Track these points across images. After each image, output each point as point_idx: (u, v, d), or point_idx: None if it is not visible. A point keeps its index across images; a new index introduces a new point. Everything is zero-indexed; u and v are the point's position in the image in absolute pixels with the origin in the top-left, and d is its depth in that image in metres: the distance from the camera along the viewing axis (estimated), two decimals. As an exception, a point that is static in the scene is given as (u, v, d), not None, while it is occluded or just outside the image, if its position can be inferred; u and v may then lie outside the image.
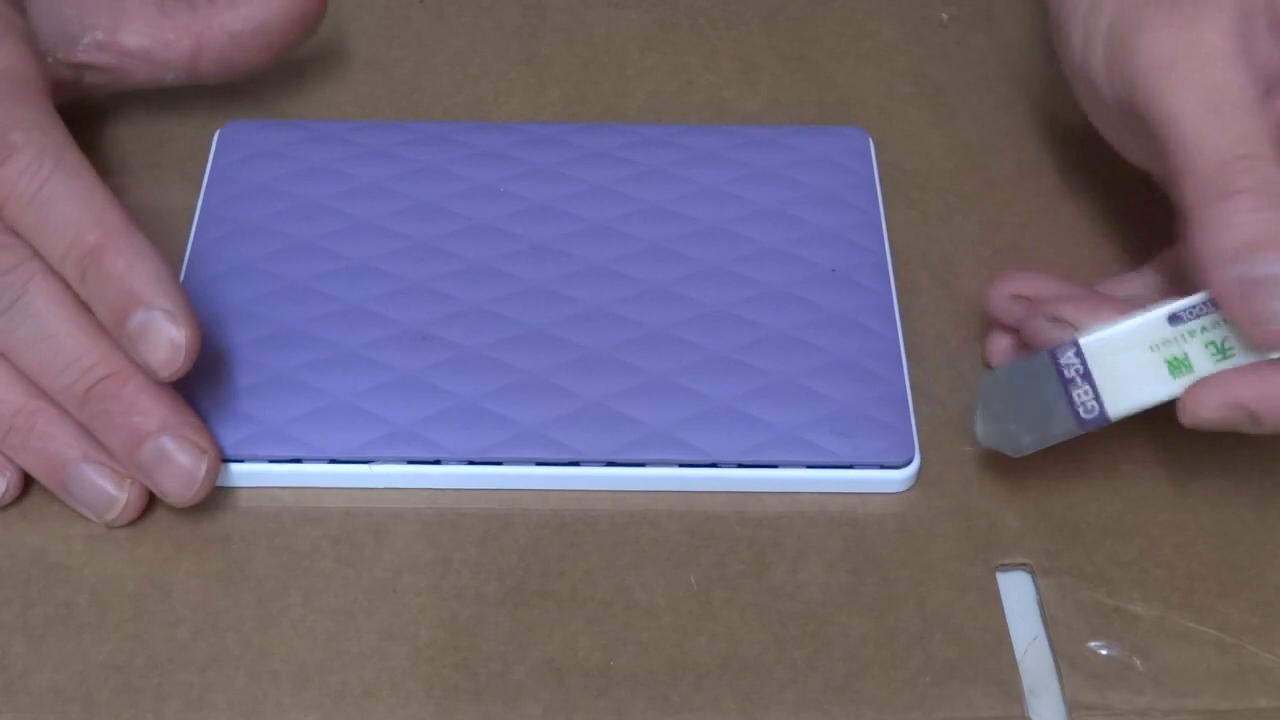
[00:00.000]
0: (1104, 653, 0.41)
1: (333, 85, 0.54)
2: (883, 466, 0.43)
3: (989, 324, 0.46)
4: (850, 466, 0.43)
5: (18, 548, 0.42)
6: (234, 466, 0.43)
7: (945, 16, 0.58)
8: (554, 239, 0.48)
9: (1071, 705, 0.40)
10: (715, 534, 0.43)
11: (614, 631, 0.41)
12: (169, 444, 0.42)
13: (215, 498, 0.43)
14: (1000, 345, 0.46)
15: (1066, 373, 0.41)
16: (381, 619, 0.41)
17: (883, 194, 0.50)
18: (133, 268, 0.41)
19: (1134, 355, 0.40)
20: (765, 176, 0.50)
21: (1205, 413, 0.40)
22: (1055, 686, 0.41)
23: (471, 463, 0.43)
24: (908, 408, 0.44)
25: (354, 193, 0.49)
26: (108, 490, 0.42)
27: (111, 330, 0.41)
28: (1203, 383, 0.40)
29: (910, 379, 0.45)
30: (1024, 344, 0.44)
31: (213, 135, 0.51)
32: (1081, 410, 0.40)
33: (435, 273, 0.47)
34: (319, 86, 0.54)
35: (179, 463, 0.42)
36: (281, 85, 0.54)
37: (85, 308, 0.42)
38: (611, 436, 0.43)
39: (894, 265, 0.48)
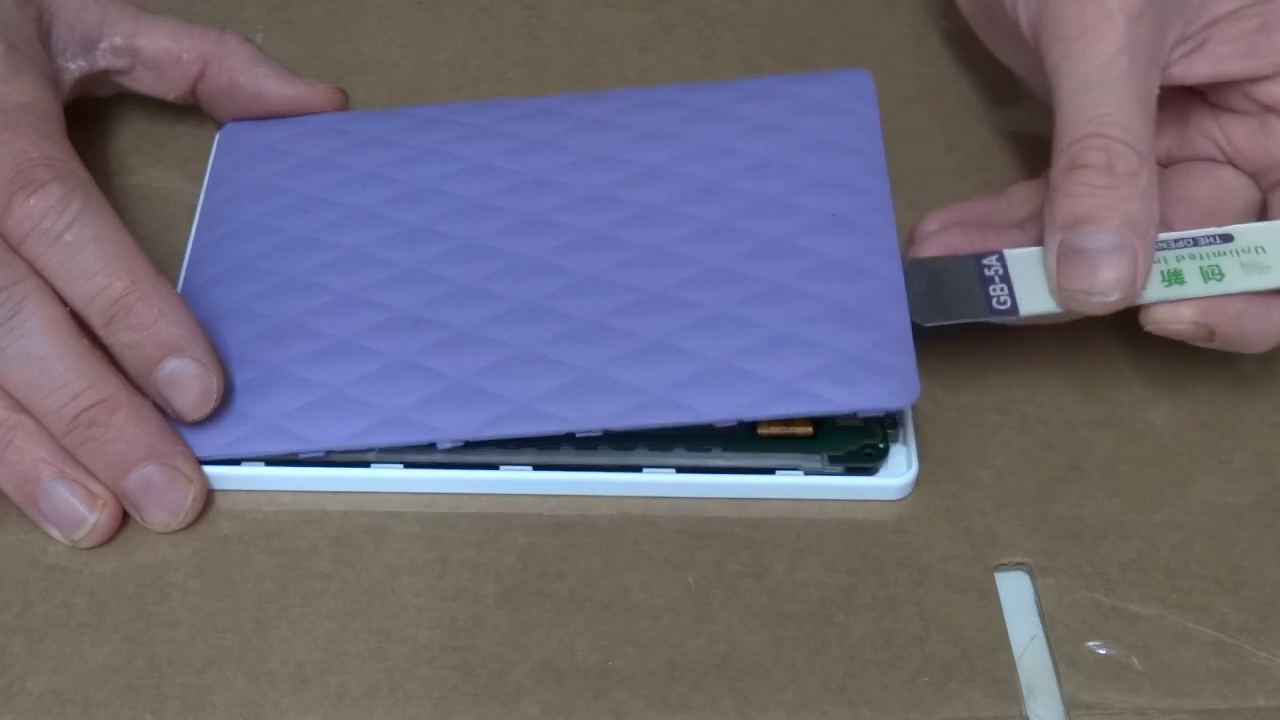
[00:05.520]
0: (1102, 652, 0.41)
1: (332, 85, 0.54)
2: (885, 412, 0.43)
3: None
4: (853, 415, 0.43)
5: (17, 548, 0.42)
6: (232, 469, 0.43)
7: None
8: (548, 210, 0.47)
9: (1070, 704, 0.40)
10: (714, 535, 0.43)
11: (612, 632, 0.41)
12: (156, 473, 0.42)
13: (213, 499, 0.43)
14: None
15: (986, 272, 0.44)
16: (380, 620, 0.41)
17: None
18: (164, 316, 0.41)
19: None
20: (766, 127, 0.49)
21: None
22: (1053, 686, 0.41)
23: (469, 467, 0.43)
24: (909, 349, 0.43)
25: (349, 182, 0.49)
26: (78, 509, 0.42)
27: (137, 376, 0.42)
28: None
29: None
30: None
31: (213, 134, 0.51)
32: (995, 302, 0.44)
33: (428, 255, 0.46)
34: (319, 87, 0.54)
35: (165, 492, 0.42)
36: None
37: (80, 332, 0.42)
38: (606, 404, 0.42)
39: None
